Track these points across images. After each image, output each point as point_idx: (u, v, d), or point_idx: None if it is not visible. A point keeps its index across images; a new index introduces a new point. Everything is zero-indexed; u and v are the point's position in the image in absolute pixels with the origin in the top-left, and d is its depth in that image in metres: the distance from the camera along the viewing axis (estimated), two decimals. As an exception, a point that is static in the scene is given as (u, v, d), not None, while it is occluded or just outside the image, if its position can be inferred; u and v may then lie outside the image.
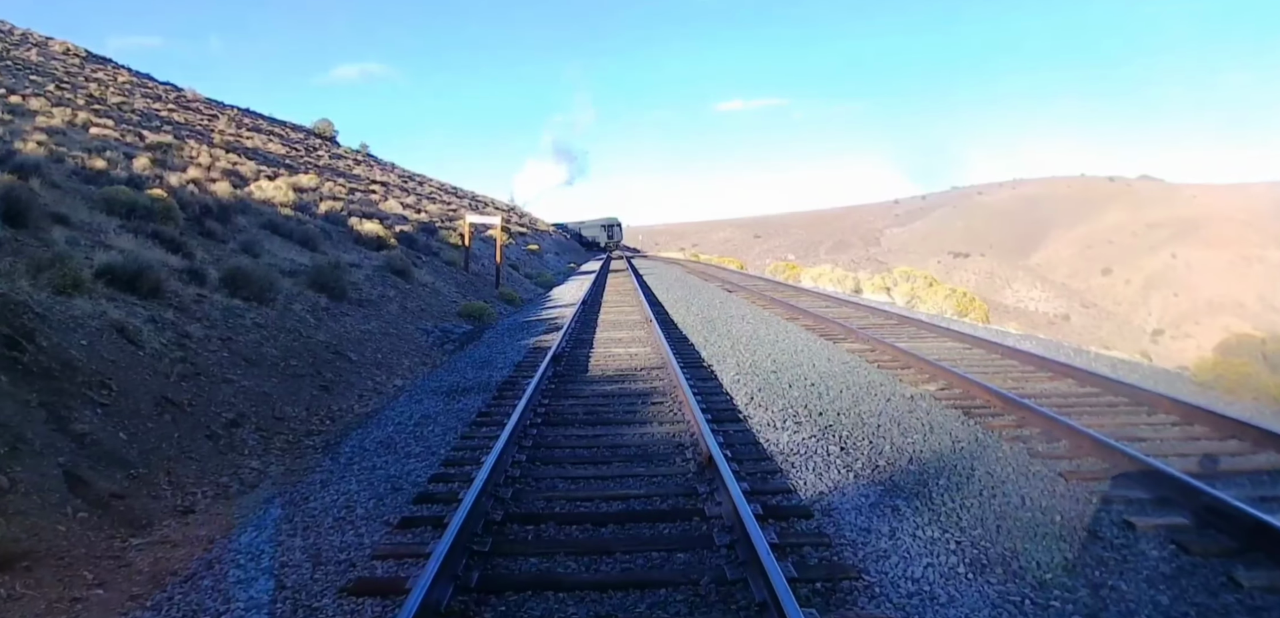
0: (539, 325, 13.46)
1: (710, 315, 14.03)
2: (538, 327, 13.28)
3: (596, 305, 16.42)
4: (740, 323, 12.79)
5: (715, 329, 12.03)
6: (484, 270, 23.21)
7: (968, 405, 6.89)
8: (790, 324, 12.71)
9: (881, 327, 12.47)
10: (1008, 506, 4.51)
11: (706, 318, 13.64)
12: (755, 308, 15.50)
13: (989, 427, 6.18)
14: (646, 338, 11.21)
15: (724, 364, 8.94)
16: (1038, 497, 4.66)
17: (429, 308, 15.60)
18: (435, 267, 20.16)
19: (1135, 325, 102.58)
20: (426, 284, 17.37)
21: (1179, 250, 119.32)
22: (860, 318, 13.78)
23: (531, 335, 12.10)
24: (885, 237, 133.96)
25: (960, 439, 5.80)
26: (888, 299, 19.47)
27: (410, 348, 12.34)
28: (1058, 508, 4.49)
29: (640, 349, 10.23)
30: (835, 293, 20.08)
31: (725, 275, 27.19)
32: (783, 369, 8.54)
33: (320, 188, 25.98)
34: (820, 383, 7.79)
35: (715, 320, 13.20)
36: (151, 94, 44.50)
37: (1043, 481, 4.94)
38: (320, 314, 11.87)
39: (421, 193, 46.03)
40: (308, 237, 16.43)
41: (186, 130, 33.62)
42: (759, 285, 22.03)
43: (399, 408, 7.76)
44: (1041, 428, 6.08)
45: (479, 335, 13.36)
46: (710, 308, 15.40)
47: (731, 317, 13.75)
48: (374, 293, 14.50)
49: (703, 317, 13.84)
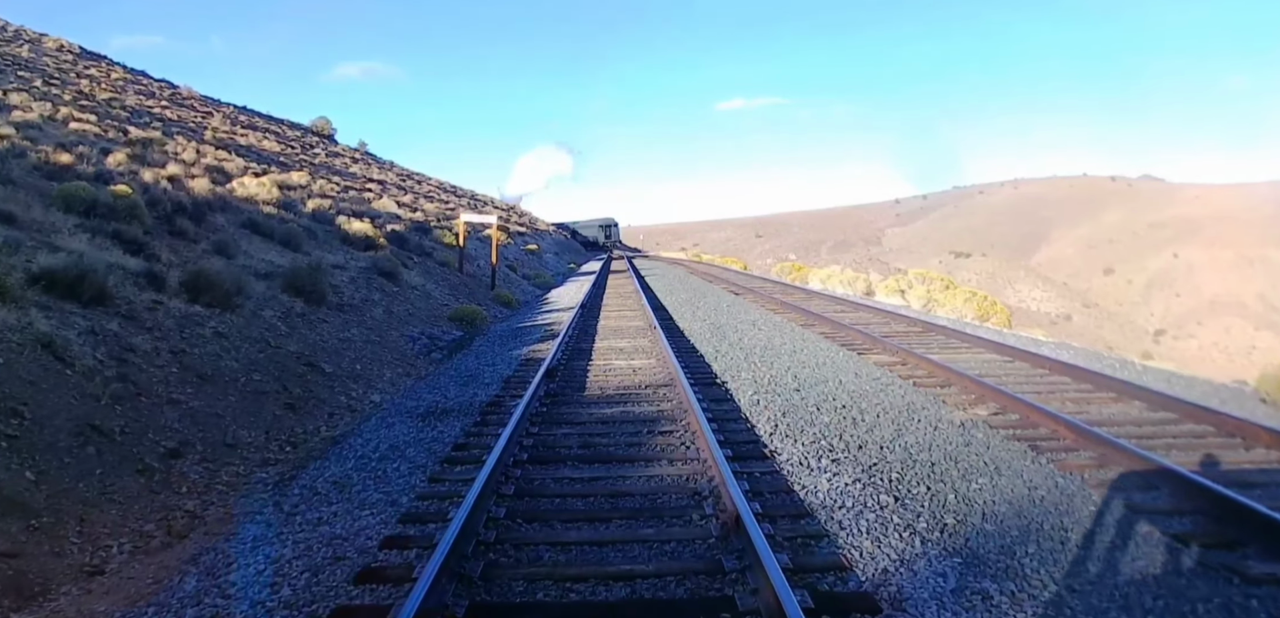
0: (534, 332, 12.39)
1: (718, 321, 12.96)
2: (533, 333, 12.20)
3: (596, 309, 15.35)
4: (752, 330, 11.71)
5: (725, 338, 10.95)
6: (479, 272, 22.14)
7: (1032, 437, 5.80)
8: (806, 332, 11.63)
9: (905, 334, 11.39)
10: (1132, 590, 3.43)
11: (714, 324, 12.56)
12: (766, 312, 14.43)
13: (1066, 467, 5.09)
14: (651, 348, 10.13)
15: (739, 380, 7.87)
16: (1166, 575, 3.58)
17: (418, 312, 14.53)
18: (427, 268, 19.10)
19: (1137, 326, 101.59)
20: (416, 286, 16.30)
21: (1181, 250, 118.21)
22: (880, 323, 12.70)
23: (525, 344, 11.02)
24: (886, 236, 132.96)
25: (1037, 486, 4.72)
26: (902, 302, 18.39)
27: (393, 357, 11.27)
28: (1200, 596, 3.40)
29: (644, 361, 9.15)
30: (847, 296, 19.00)
31: (730, 277, 26.12)
32: (807, 387, 7.47)
33: (311, 186, 24.91)
34: (852, 405, 6.72)
35: (724, 327, 12.13)
36: (144, 91, 43.55)
37: (1161, 551, 3.85)
38: (294, 321, 10.80)
39: (419, 191, 44.95)
40: (290, 236, 15.36)
41: (177, 127, 32.65)
42: (766, 287, 20.95)
43: (368, 434, 6.68)
44: (1128, 468, 4.99)
45: (469, 343, 12.28)
46: (718, 312, 14.33)
47: (741, 323, 12.68)
48: (357, 297, 13.44)
49: (710, 323, 12.76)
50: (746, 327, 12.17)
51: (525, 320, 14.59)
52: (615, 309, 15.48)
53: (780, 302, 16.04)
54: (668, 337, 10.53)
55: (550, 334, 11.60)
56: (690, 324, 12.67)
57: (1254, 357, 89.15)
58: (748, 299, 17.24)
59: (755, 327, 12.15)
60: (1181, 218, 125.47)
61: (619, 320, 13.50)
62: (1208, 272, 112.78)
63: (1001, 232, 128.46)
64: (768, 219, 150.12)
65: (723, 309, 14.99)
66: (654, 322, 11.92)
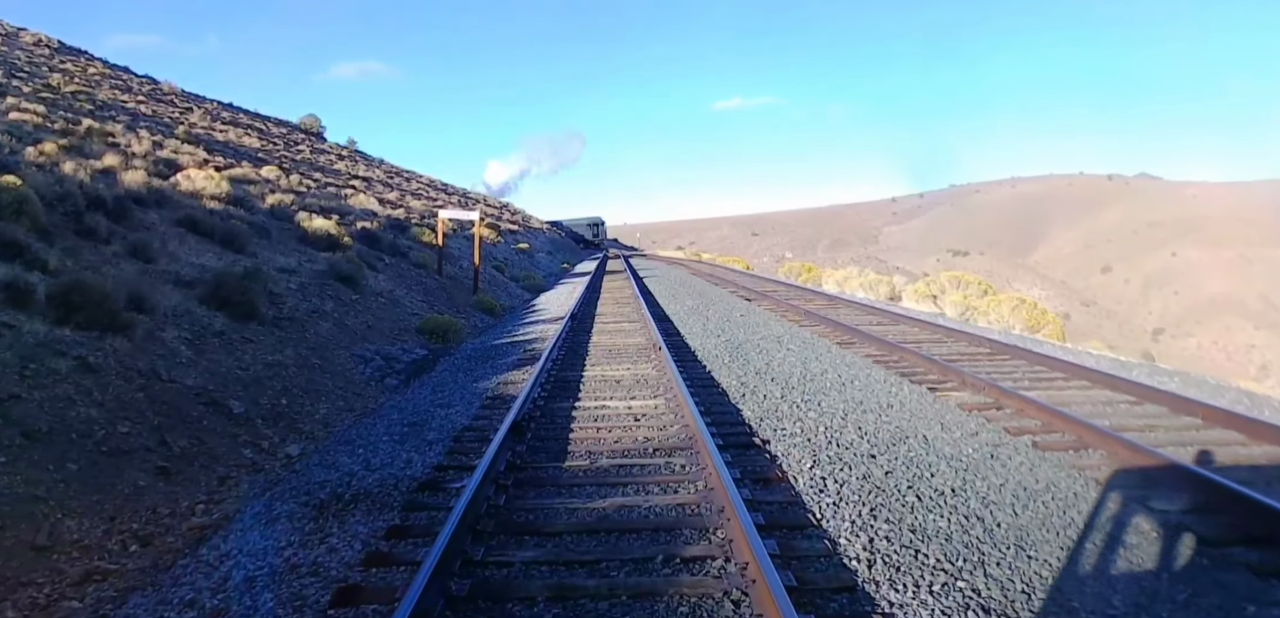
0: (512, 352, 10.01)
1: (736, 338, 10.60)
2: (510, 354, 9.83)
3: (588, 321, 12.98)
4: (779, 350, 9.36)
5: (748, 362, 8.59)
6: (461, 273, 19.75)
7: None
8: (847, 353, 9.27)
9: (971, 356, 9.04)
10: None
11: (732, 341, 10.20)
12: (789, 325, 12.08)
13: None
14: (656, 379, 7.76)
15: (784, 435, 5.52)
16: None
17: (379, 324, 12.15)
18: (400, 270, 16.71)
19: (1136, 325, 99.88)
20: (382, 293, 13.91)
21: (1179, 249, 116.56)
22: (932, 340, 10.36)
23: (498, 371, 8.63)
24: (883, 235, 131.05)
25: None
26: (935, 309, 16.10)
27: (334, 387, 8.89)
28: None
29: (649, 401, 6.78)
30: (872, 302, 16.65)
31: (736, 279, 23.73)
32: (885, 450, 5.12)
33: (280, 181, 22.50)
34: (967, 489, 4.37)
35: (744, 346, 9.77)
36: (122, 86, 41.46)
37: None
38: (206, 344, 8.41)
39: (406, 189, 42.54)
40: (232, 235, 12.97)
41: (148, 121, 30.43)
42: (779, 291, 18.59)
43: (235, 538, 4.31)
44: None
45: (432, 365, 9.90)
46: (731, 324, 11.98)
47: (764, 339, 10.33)
48: (303, 308, 11.05)
49: (727, 340, 10.40)
50: (771, 345, 9.82)
51: (505, 334, 12.20)
52: (611, 319, 13.11)
53: (802, 310, 13.68)
54: (677, 361, 8.18)
55: (531, 356, 9.23)
56: (702, 342, 10.30)
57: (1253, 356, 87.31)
58: (762, 307, 14.88)
59: (782, 345, 9.79)
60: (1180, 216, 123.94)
61: (615, 336, 11.13)
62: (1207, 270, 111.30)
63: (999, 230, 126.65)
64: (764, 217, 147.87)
65: (737, 320, 12.63)
66: (658, 339, 9.56)
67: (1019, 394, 6.50)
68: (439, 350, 11.05)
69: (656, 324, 11.33)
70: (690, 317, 13.15)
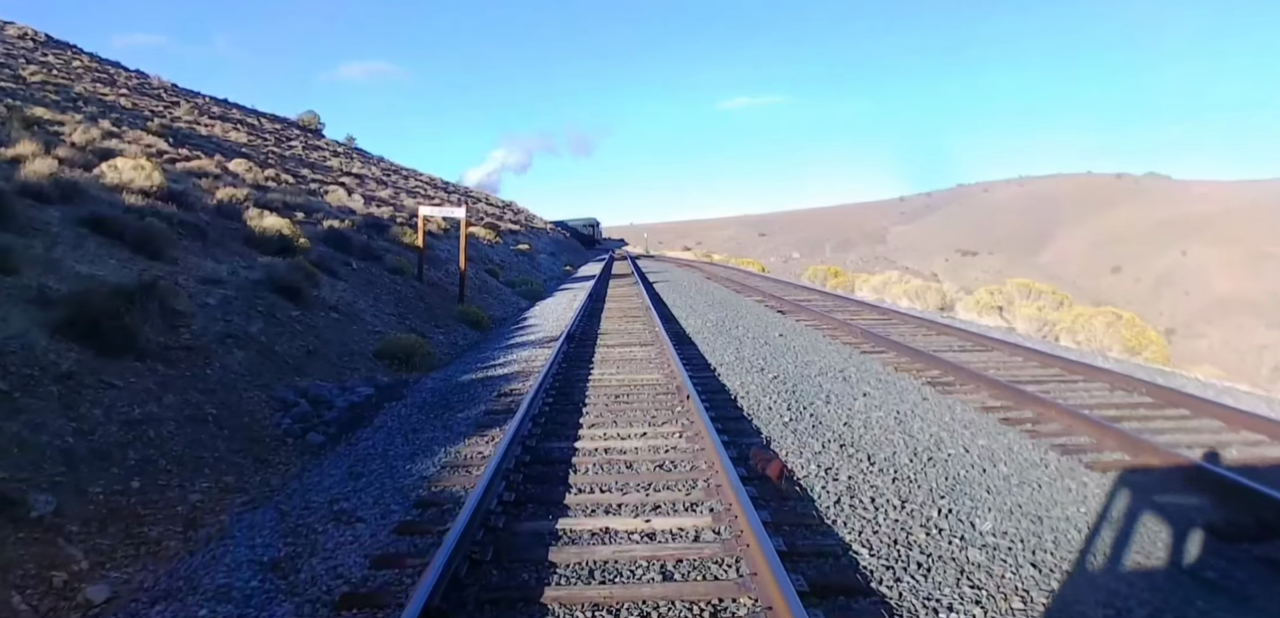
0: (483, 394, 7.24)
1: (785, 372, 7.81)
2: (479, 398, 7.05)
3: (589, 342, 10.19)
4: (854, 395, 6.59)
5: (821, 423, 5.80)
6: (447, 280, 16.99)
7: None
8: (953, 401, 6.48)
9: (1131, 409, 6.26)
10: None
11: (784, 381, 7.42)
12: (846, 348, 9.30)
13: None
14: (691, 463, 4.95)
15: (934, 604, 2.81)
16: None
17: (324, 349, 9.40)
18: (370, 276, 13.97)
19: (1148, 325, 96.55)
20: (337, 306, 11.17)
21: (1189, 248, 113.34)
22: (1058, 381, 7.58)
23: (452, 435, 5.82)
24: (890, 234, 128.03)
25: None
26: (1004, 323, 13.33)
27: (227, 452, 6.13)
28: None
29: (684, 519, 3.99)
30: (928, 315, 13.81)
31: (757, 284, 20.91)
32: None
33: (247, 175, 19.81)
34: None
35: (803, 390, 6.98)
36: (107, 79, 39.17)
37: None
38: (36, 392, 5.70)
39: (402, 186, 39.86)
40: (149, 236, 10.22)
41: (125, 114, 27.99)
42: (813, 300, 15.79)
43: None
44: None
45: (373, 413, 7.13)
46: (774, 350, 9.20)
47: (826, 376, 7.55)
48: (214, 331, 8.31)
49: (776, 377, 7.60)
50: (837, 385, 7.05)
51: (482, 362, 9.40)
52: (618, 340, 10.33)
53: (852, 327, 10.88)
54: (714, 418, 5.44)
55: (505, 407, 6.46)
56: (742, 380, 7.50)
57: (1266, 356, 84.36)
58: (802, 322, 12.10)
59: (852, 386, 7.00)
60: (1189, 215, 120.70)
61: (623, 368, 8.34)
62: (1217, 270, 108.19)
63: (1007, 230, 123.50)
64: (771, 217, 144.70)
65: (777, 342, 9.85)
66: (681, 378, 6.77)
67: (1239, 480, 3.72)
68: (392, 387, 8.28)
69: (676, 349, 8.56)
70: (716, 337, 10.37)
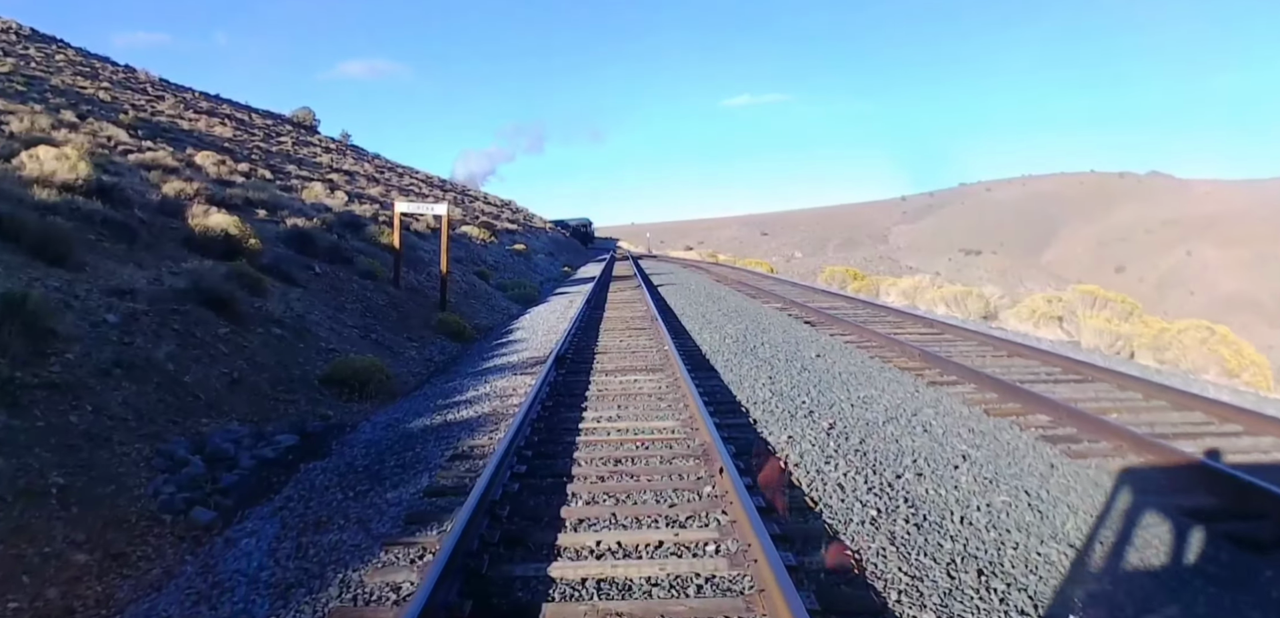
0: (438, 448, 5.29)
1: (840, 412, 5.87)
2: (431, 457, 5.10)
3: (584, 367, 8.24)
4: (933, 447, 4.67)
5: (919, 511, 3.84)
6: (429, 283, 15.05)
7: None
8: (1087, 467, 4.57)
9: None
10: None
11: (843, 430, 5.46)
12: (898, 372, 7.36)
13: None
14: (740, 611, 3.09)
15: None
16: None
17: (252, 376, 7.45)
18: (336, 280, 12.03)
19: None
20: (282, 319, 9.21)
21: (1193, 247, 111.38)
22: (1202, 428, 5.69)
23: (375, 538, 3.87)
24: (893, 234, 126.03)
25: None
26: (1065, 336, 11.42)
27: (53, 552, 4.14)
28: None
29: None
30: (979, 329, 11.84)
31: (771, 287, 18.95)
32: None
33: (213, 169, 17.89)
34: None
35: (871, 444, 5.04)
36: (89, 73, 37.53)
37: None
38: None
39: (396, 183, 37.97)
40: (50, 237, 8.27)
41: (95, 106, 26.33)
42: (840, 307, 13.83)
43: None
44: None
45: (281, 481, 5.17)
46: (816, 379, 7.25)
47: (893, 420, 5.61)
48: (98, 359, 6.35)
49: (829, 423, 5.65)
50: (918, 440, 5.12)
51: (445, 399, 7.40)
52: (619, 363, 8.38)
53: (906, 348, 8.93)
54: (762, 516, 3.54)
55: (460, 480, 4.53)
56: (788, 431, 5.56)
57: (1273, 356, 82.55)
58: (837, 336, 10.16)
59: (937, 444, 5.08)
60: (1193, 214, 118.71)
61: (626, 411, 6.39)
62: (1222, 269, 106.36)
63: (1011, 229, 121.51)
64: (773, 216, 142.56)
65: (817, 368, 7.90)
66: (711, 439, 4.85)
67: None
68: (323, 434, 6.33)
69: (692, 379, 6.62)
70: (740, 358, 8.41)
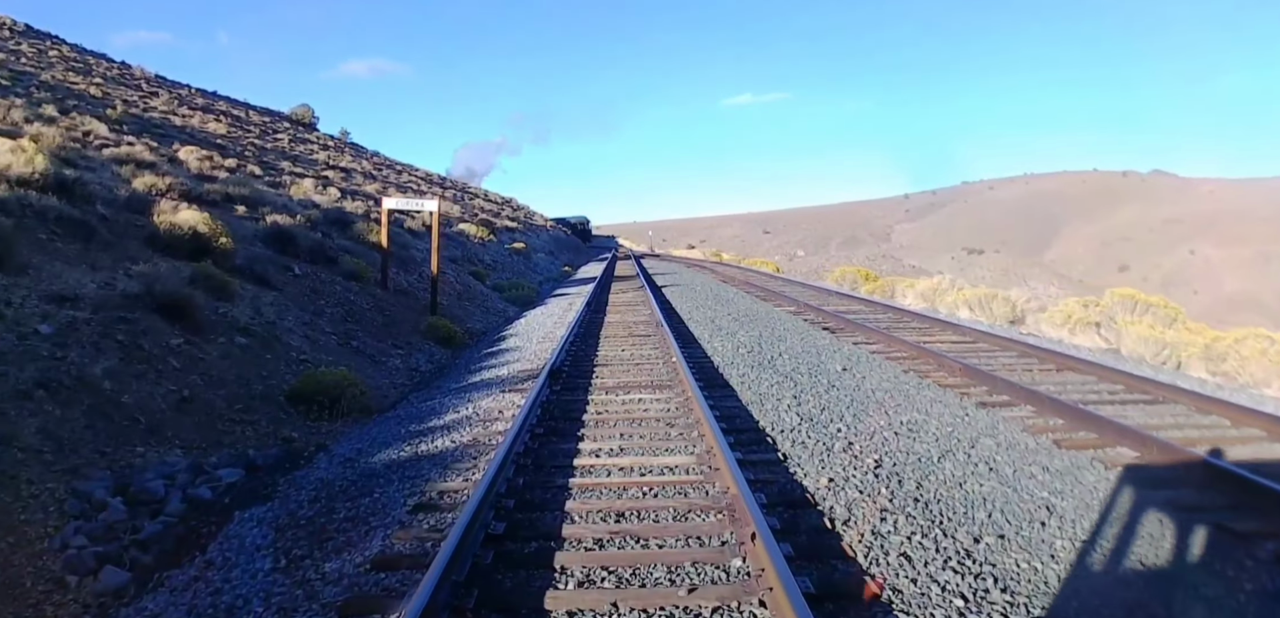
0: (402, 491, 4.36)
1: (882, 441, 4.93)
2: (391, 504, 4.16)
3: (583, 381, 7.31)
4: (1003, 493, 3.74)
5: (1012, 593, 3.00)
6: (420, 285, 14.12)
7: None
8: (1197, 522, 3.68)
9: None
10: None
11: (892, 468, 4.51)
12: (940, 390, 6.42)
13: None
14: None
15: None
16: None
17: (205, 394, 6.52)
18: (317, 282, 11.11)
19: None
20: (249, 326, 8.29)
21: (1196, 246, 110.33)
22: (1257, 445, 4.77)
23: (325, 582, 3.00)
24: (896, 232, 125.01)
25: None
26: (1103, 343, 10.49)
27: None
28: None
29: None
30: (1012, 336, 10.89)
31: (779, 288, 18.00)
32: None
33: (195, 165, 16.99)
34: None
35: (929, 486, 4.10)
36: (82, 68, 36.90)
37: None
38: None
39: (395, 181, 37.08)
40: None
41: (84, 101, 25.56)
42: (858, 311, 12.89)
43: None
44: None
45: (213, 531, 4.28)
46: (842, 396, 6.31)
47: (948, 454, 4.66)
48: (18, 380, 5.43)
49: (875, 459, 4.70)
50: (985, 484, 4.19)
51: (420, 424, 6.45)
52: (621, 379, 7.46)
53: (942, 361, 8.01)
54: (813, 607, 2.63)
55: (420, 541, 3.63)
56: (828, 471, 4.64)
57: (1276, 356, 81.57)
58: (861, 344, 9.23)
59: (1007, 487, 4.15)
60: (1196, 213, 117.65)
61: (630, 440, 5.44)
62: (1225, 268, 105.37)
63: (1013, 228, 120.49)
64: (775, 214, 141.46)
65: (843, 382, 6.98)
66: (733, 482, 3.95)
67: None
68: (276, 465, 5.40)
69: (706, 399, 5.69)
70: (757, 373, 7.48)
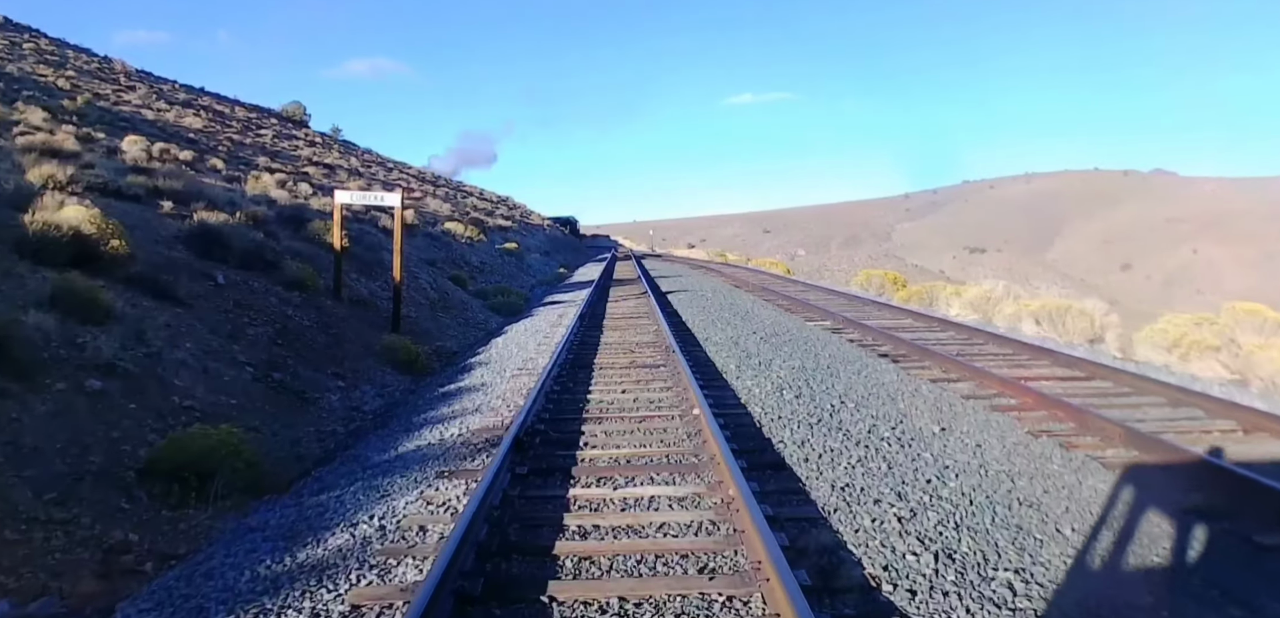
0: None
1: (1053, 575, 2.80)
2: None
3: (564, 456, 5.08)
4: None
5: None
6: (381, 293, 11.89)
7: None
8: None
9: None
10: None
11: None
12: (1098, 469, 4.22)
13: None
14: None
15: None
16: None
17: (5, 476, 4.35)
18: (243, 293, 8.86)
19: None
20: (118, 361, 6.02)
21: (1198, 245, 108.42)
22: None
23: None
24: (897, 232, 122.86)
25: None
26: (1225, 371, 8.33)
27: None
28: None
29: None
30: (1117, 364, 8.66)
31: (800, 294, 15.78)
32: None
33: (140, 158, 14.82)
34: None
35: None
36: (56, 61, 35.05)
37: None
38: None
39: (383, 178, 34.93)
40: None
41: (37, 90, 23.51)
42: (907, 327, 10.68)
43: None
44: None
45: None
46: (966, 485, 4.08)
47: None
48: None
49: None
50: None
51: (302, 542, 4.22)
52: (617, 447, 5.22)
53: (1062, 406, 5.81)
54: None
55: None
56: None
57: None
58: (937, 379, 7.02)
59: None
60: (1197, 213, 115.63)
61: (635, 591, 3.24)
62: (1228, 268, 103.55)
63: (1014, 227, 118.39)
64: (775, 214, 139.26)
65: (960, 460, 4.77)
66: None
67: None
68: None
69: (764, 517, 3.51)
70: (821, 437, 5.25)
